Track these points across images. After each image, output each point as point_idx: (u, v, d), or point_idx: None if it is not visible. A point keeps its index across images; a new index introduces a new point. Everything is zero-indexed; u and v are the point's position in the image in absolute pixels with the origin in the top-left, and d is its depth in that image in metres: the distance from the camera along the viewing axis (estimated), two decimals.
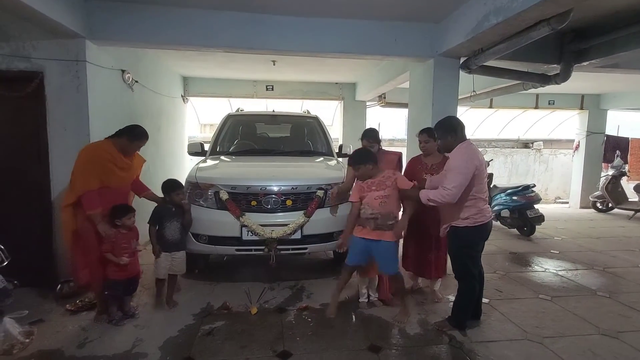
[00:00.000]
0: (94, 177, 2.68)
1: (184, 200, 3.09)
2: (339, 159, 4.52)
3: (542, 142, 11.14)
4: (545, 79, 4.45)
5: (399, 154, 3.39)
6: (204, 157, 4.26)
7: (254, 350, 2.47)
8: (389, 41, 3.88)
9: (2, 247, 2.48)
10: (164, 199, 3.06)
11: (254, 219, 3.17)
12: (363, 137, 3.29)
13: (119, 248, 2.71)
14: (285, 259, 3.95)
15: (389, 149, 3.52)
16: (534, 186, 5.82)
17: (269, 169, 3.85)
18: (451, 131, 2.62)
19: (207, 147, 4.55)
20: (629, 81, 6.58)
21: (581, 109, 8.53)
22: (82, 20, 3.22)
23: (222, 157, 4.20)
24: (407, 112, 4.63)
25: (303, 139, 4.96)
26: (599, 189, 7.74)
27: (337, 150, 4.76)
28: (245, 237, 3.20)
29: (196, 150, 4.42)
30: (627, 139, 8.93)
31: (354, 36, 3.82)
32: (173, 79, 6.57)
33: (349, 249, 2.91)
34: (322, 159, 4.32)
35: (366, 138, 3.27)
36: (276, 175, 3.53)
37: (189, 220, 3.11)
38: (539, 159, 10.96)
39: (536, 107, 8.49)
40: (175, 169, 6.27)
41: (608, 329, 2.80)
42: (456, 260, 2.71)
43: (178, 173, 6.04)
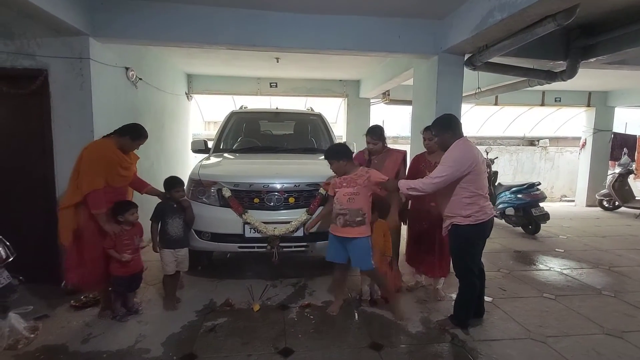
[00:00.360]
0: (100, 177, 2.66)
1: (184, 197, 3.09)
2: None
3: (548, 139, 11.01)
4: (551, 76, 4.39)
5: (403, 152, 3.37)
6: (207, 155, 4.27)
7: (256, 347, 2.48)
8: (392, 38, 3.85)
9: (8, 243, 2.50)
10: (164, 194, 3.07)
11: (256, 216, 3.18)
12: (367, 134, 3.28)
13: (121, 244, 2.73)
14: (287, 256, 3.95)
15: (394, 146, 3.50)
16: (539, 184, 5.77)
17: (272, 166, 3.85)
18: (448, 128, 2.64)
19: (210, 144, 4.55)
20: (636, 78, 6.48)
21: (588, 106, 8.43)
22: (85, 18, 3.23)
23: (225, 155, 4.20)
24: (411, 109, 4.60)
25: (306, 136, 4.96)
26: (606, 187, 7.65)
27: None
28: (248, 234, 3.20)
29: (200, 147, 4.43)
30: (635, 136, 8.82)
31: (357, 33, 3.79)
32: (177, 76, 6.58)
33: (328, 245, 2.98)
34: None
35: (370, 135, 3.26)
36: (279, 172, 3.53)
37: (191, 216, 3.12)
38: (544, 157, 10.86)
39: (542, 105, 8.40)
40: (179, 166, 6.30)
41: (612, 329, 2.77)
42: (457, 258, 2.71)
43: (182, 170, 6.07)
